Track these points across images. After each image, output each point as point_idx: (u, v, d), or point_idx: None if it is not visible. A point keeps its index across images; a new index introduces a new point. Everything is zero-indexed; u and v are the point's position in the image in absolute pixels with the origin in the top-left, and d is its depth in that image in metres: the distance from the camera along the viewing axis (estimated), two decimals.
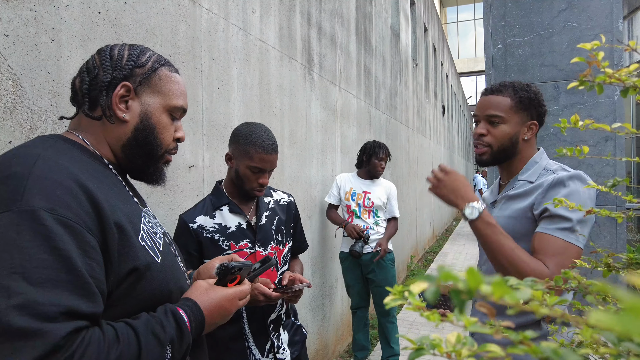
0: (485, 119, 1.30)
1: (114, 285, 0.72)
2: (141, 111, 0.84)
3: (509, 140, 1.28)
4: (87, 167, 0.76)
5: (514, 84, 1.29)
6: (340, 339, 3.67)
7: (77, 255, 0.64)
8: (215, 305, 0.85)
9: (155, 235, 0.84)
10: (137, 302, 0.76)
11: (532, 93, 1.27)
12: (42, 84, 1.25)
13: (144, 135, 0.84)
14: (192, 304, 0.82)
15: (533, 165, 1.30)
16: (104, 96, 0.81)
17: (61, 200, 0.65)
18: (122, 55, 0.84)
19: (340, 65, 3.74)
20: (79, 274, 0.64)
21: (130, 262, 0.74)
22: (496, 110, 1.27)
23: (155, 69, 0.86)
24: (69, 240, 0.64)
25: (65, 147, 0.77)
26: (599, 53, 0.35)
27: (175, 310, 0.78)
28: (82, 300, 0.64)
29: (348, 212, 3.23)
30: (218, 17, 2.08)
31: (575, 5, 3.92)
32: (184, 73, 1.84)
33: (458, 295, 0.20)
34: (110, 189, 0.78)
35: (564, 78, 3.94)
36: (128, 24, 1.56)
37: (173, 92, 0.88)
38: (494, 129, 1.29)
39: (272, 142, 1.42)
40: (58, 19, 1.29)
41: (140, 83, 0.84)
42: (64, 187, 0.67)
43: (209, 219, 1.45)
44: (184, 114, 0.94)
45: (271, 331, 1.49)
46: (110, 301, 0.72)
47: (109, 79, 0.81)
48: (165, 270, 0.81)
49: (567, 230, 1.11)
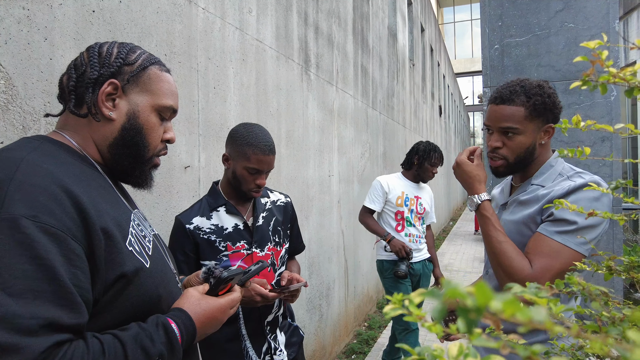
0: (499, 130, 1.23)
1: (101, 293, 0.70)
2: (128, 110, 0.82)
3: (525, 150, 1.22)
4: (74, 169, 0.74)
5: (525, 88, 1.19)
6: (338, 339, 3.66)
7: (61, 263, 0.62)
8: (208, 317, 0.83)
9: (144, 239, 0.82)
10: (125, 308, 0.74)
11: (545, 96, 1.19)
12: (35, 83, 1.23)
13: (131, 135, 0.82)
14: (184, 315, 0.80)
15: (548, 169, 1.24)
16: (90, 93, 0.79)
17: (44, 206, 0.63)
18: (111, 52, 0.82)
19: (338, 66, 3.73)
20: (62, 283, 0.62)
21: (118, 269, 0.71)
22: (510, 122, 1.19)
23: (144, 67, 0.84)
24: (51, 248, 0.62)
25: (51, 149, 0.74)
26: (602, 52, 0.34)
27: (166, 322, 0.75)
28: (65, 312, 0.61)
29: (397, 220, 2.88)
30: (214, 16, 2.07)
31: (572, 6, 3.92)
32: (179, 73, 1.83)
33: (466, 314, 0.19)
34: (98, 192, 0.76)
35: (560, 79, 3.95)
36: (123, 23, 1.54)
37: (163, 92, 0.86)
38: (510, 141, 1.21)
39: (269, 143, 1.41)
40: (51, 18, 1.27)
41: (128, 81, 0.81)
42: (47, 193, 0.65)
43: (205, 220, 1.43)
44: (174, 115, 0.91)
45: (268, 332, 1.47)
46: (97, 309, 0.70)
47: (96, 75, 0.79)
48: (154, 275, 0.79)
49: (567, 233, 1.07)
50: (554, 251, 1.07)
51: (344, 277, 3.87)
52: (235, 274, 0.91)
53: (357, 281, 4.22)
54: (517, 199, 1.28)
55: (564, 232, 1.08)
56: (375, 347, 3.76)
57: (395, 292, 1.49)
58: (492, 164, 1.26)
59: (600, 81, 0.34)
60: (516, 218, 1.24)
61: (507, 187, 1.41)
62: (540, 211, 1.17)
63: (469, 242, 9.34)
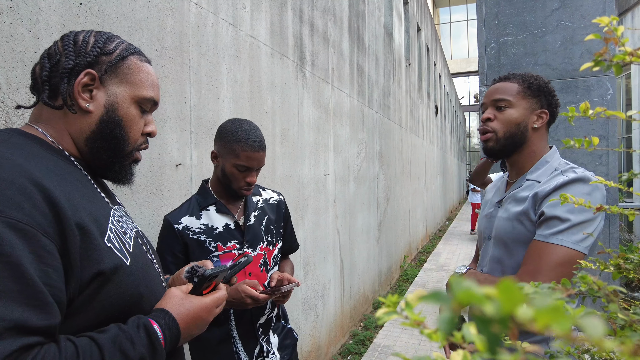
0: (492, 104, 1.27)
1: (76, 292, 0.66)
2: (107, 102, 0.78)
3: (516, 126, 1.23)
4: (47, 163, 0.70)
5: (523, 74, 1.26)
6: (334, 340, 3.62)
7: (29, 261, 0.58)
8: (192, 317, 0.79)
9: (125, 236, 0.78)
10: (103, 308, 0.70)
11: (541, 81, 1.24)
12: (19, 77, 1.19)
13: (110, 128, 0.78)
14: (167, 316, 0.76)
15: (544, 165, 1.23)
16: (65, 83, 0.75)
17: (11, 200, 0.59)
18: (87, 41, 0.78)
19: (333, 64, 3.70)
20: (30, 282, 0.57)
21: (95, 266, 0.67)
22: (502, 94, 1.24)
23: (123, 57, 0.80)
24: (19, 244, 0.58)
25: (21, 141, 0.70)
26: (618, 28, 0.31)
27: (148, 323, 0.71)
28: (34, 313, 0.57)
29: None
30: (207, 11, 2.03)
31: (568, 5, 3.91)
32: (171, 68, 1.78)
33: (487, 327, 0.15)
34: (74, 186, 0.72)
35: (557, 77, 3.93)
36: (112, 16, 1.50)
37: (143, 83, 0.82)
38: (500, 114, 1.25)
39: (258, 138, 1.36)
40: (36, 9, 1.23)
41: (106, 71, 0.77)
42: (15, 187, 0.61)
43: (194, 220, 1.39)
44: (155, 107, 0.87)
45: (260, 335, 1.43)
46: (72, 309, 0.66)
47: (71, 65, 0.75)
48: (135, 273, 0.75)
49: (561, 232, 1.04)
50: (548, 254, 1.03)
51: (340, 277, 3.83)
52: (220, 271, 0.87)
53: (353, 281, 4.19)
54: (512, 195, 1.26)
55: (558, 232, 1.04)
56: (371, 348, 3.73)
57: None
58: (482, 138, 1.29)
59: (615, 60, 0.31)
60: (509, 214, 1.22)
61: (502, 185, 1.39)
62: (533, 205, 1.14)
63: (465, 242, 9.34)
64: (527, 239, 1.15)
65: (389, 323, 4.34)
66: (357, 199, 4.37)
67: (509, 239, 1.19)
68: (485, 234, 1.36)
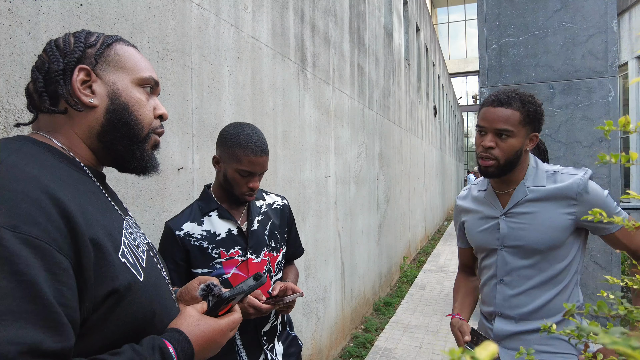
0: (494, 132, 1.30)
1: (90, 311, 0.63)
2: (108, 91, 0.75)
3: (514, 153, 1.31)
4: (61, 173, 0.67)
5: (520, 95, 1.29)
6: (335, 343, 3.60)
7: (44, 279, 0.55)
8: (207, 339, 0.76)
9: (137, 249, 0.75)
10: (117, 327, 0.67)
11: (537, 106, 1.30)
12: (18, 80, 1.16)
13: (118, 115, 0.75)
14: (182, 337, 0.73)
15: (533, 171, 1.36)
16: (62, 85, 0.72)
17: (27, 215, 0.56)
18: (68, 41, 0.76)
19: (334, 65, 3.67)
20: (46, 302, 0.55)
21: (109, 284, 0.64)
22: (506, 124, 1.28)
23: (108, 45, 0.77)
24: (34, 262, 0.55)
25: (34, 150, 0.67)
26: None
27: (163, 345, 0.68)
28: (48, 335, 0.54)
29: None
30: (209, 12, 2.00)
31: (570, 6, 3.89)
32: (172, 71, 1.76)
33: None
34: (87, 198, 0.69)
35: (558, 78, 3.91)
36: (113, 17, 1.47)
37: (136, 65, 0.79)
38: (503, 143, 1.30)
39: (261, 143, 1.33)
40: (35, 11, 1.20)
41: (97, 61, 0.75)
42: (30, 200, 0.58)
43: (196, 226, 1.36)
44: (157, 87, 0.84)
45: (264, 343, 1.40)
46: (86, 328, 0.63)
47: (62, 66, 0.73)
48: (148, 290, 0.72)
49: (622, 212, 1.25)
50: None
51: (341, 280, 3.81)
52: (237, 294, 0.84)
53: (353, 283, 4.16)
54: (525, 199, 1.34)
55: (619, 212, 1.23)
56: (372, 351, 3.71)
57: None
58: (483, 163, 1.34)
59: None
60: (548, 215, 1.30)
61: (492, 198, 1.43)
62: (569, 204, 1.28)
63: None
64: (563, 237, 1.29)
65: (389, 325, 4.32)
66: (358, 200, 4.35)
67: (546, 236, 1.29)
68: (490, 246, 1.41)
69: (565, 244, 1.30)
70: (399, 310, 4.80)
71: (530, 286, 1.33)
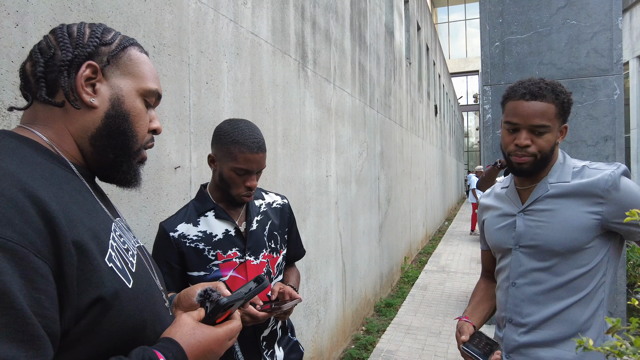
0: (530, 128, 1.18)
1: (72, 321, 0.57)
2: (112, 95, 0.71)
3: (550, 148, 1.21)
4: (43, 171, 0.61)
5: (551, 86, 1.18)
6: (335, 345, 3.54)
7: (19, 287, 0.50)
8: (203, 350, 0.70)
9: (127, 253, 0.70)
10: (104, 338, 0.61)
11: (568, 95, 1.20)
12: (5, 74, 1.10)
13: (117, 123, 0.71)
14: (176, 347, 0.67)
15: (560, 167, 1.25)
16: (65, 77, 0.67)
17: (1, 215, 0.51)
18: (84, 32, 0.71)
19: (335, 62, 3.62)
20: (20, 313, 0.49)
21: (94, 291, 0.59)
22: (543, 119, 1.17)
23: (123, 48, 0.73)
24: (7, 267, 0.49)
25: (13, 145, 0.62)
26: None
27: (154, 356, 0.63)
28: (22, 350, 0.49)
29: None
30: (207, 7, 1.94)
31: (574, 3, 3.83)
32: (169, 66, 1.70)
33: None
34: (73, 197, 0.63)
35: (562, 76, 3.86)
36: (106, 10, 1.41)
37: (146, 75, 0.75)
38: (539, 139, 1.19)
39: (257, 139, 1.27)
40: (24, 2, 1.15)
41: (108, 62, 0.71)
42: (6, 199, 0.52)
43: (192, 227, 1.30)
44: (158, 102, 0.81)
45: (264, 349, 1.35)
46: (68, 341, 0.57)
47: (70, 57, 0.67)
48: (138, 297, 0.67)
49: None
50: None
51: (342, 281, 3.76)
52: (236, 300, 0.78)
53: (354, 284, 4.11)
54: (545, 195, 1.24)
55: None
56: (374, 353, 3.65)
57: None
58: (519, 160, 1.22)
59: None
60: (569, 213, 1.19)
61: (512, 195, 1.33)
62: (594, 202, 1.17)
63: (466, 243, 9.28)
64: (587, 235, 1.17)
65: (391, 327, 4.26)
66: (359, 200, 4.29)
67: (557, 244, 1.19)
68: (505, 246, 1.31)
69: (588, 248, 1.18)
70: (401, 312, 4.75)
71: (540, 291, 1.22)
